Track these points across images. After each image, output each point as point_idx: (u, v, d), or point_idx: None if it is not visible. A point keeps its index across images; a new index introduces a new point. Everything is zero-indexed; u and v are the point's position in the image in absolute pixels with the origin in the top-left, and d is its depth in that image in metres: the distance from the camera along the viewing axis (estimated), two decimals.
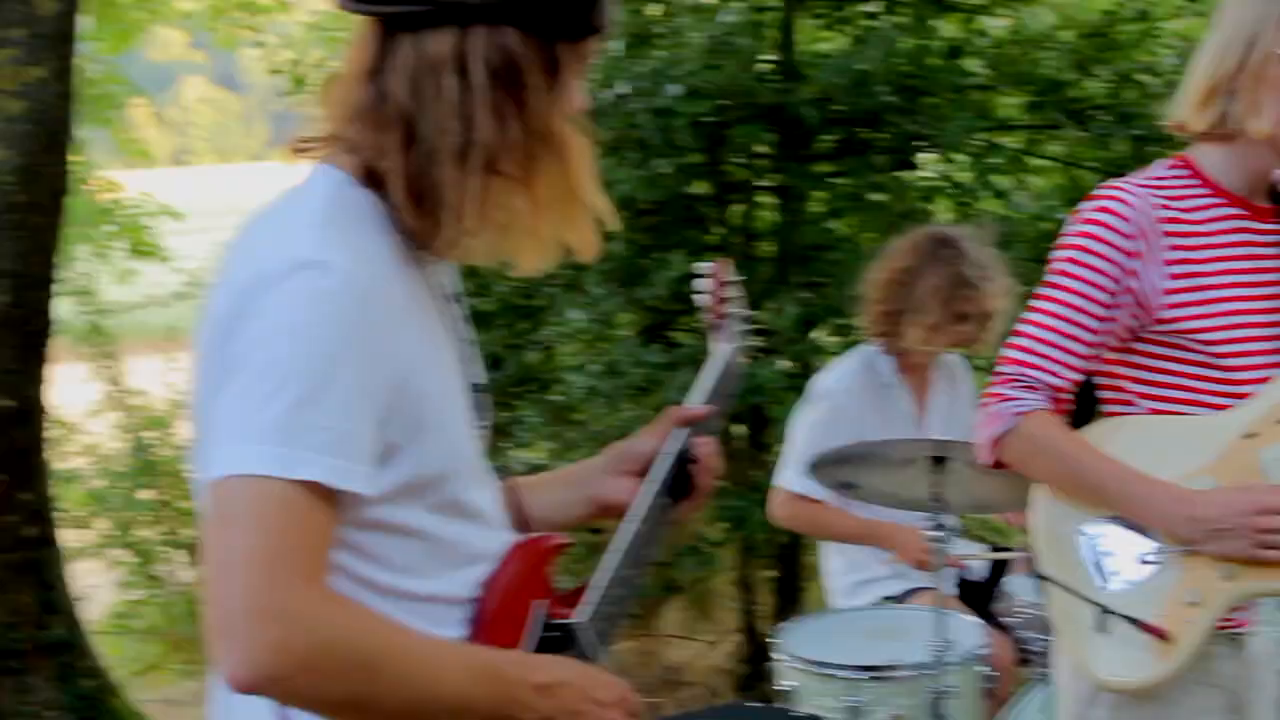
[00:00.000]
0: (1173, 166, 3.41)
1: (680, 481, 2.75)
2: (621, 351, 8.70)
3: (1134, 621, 3.23)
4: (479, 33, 2.24)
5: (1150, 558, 3.25)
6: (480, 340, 9.19)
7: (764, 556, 9.59)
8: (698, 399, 2.87)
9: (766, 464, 9.64)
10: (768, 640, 5.28)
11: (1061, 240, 3.38)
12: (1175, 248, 3.25)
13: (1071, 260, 3.31)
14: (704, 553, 8.84)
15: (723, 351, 3.03)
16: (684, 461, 2.76)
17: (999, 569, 5.67)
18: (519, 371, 9.45)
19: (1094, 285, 3.26)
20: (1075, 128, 9.36)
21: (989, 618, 5.42)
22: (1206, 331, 3.26)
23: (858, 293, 5.78)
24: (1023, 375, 3.26)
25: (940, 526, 4.84)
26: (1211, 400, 3.27)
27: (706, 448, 2.79)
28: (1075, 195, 10.01)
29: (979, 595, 5.62)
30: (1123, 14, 10.06)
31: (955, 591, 5.55)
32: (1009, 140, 10.24)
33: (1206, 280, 3.27)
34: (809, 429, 5.61)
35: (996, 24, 10.62)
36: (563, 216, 2.43)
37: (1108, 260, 3.25)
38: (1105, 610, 3.26)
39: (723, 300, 3.12)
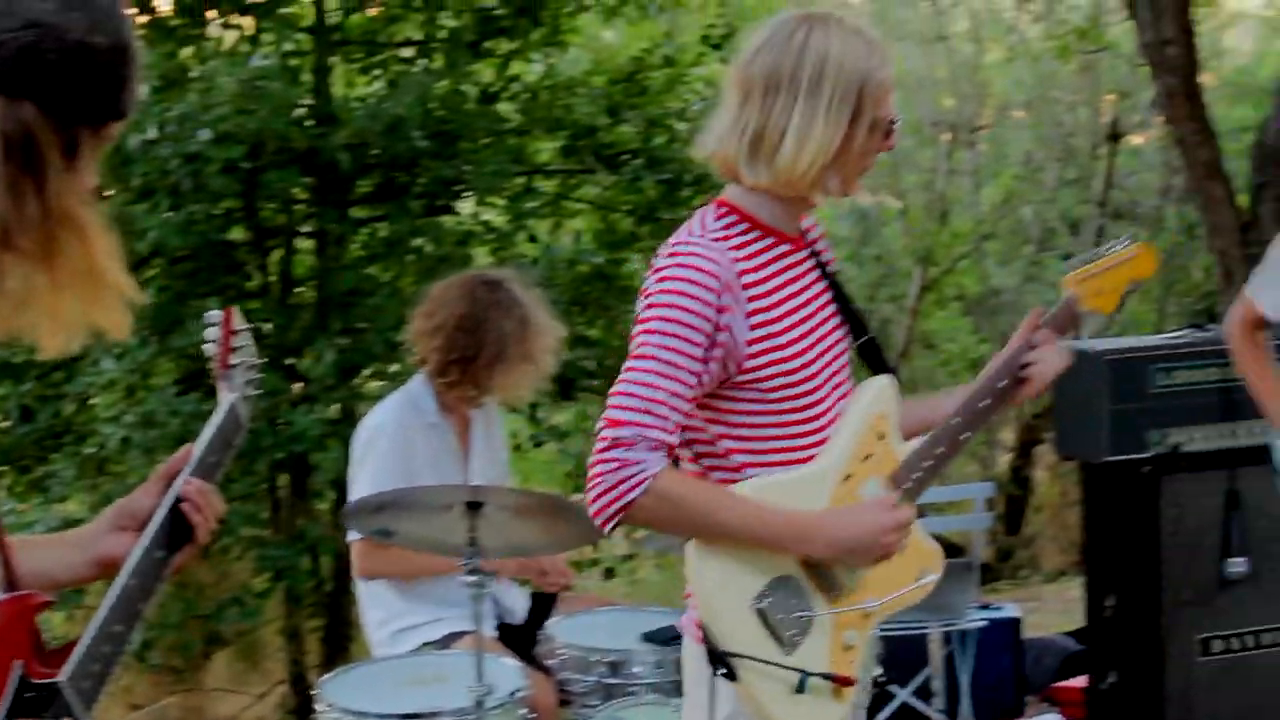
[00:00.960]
0: (721, 216, 3.45)
1: (178, 530, 2.74)
2: (158, 401, 8.51)
3: (828, 677, 3.35)
4: None
5: (806, 614, 3.37)
6: (11, 393, 8.83)
7: (310, 606, 9.51)
8: (196, 449, 2.86)
9: (311, 512, 9.55)
10: (312, 691, 5.22)
11: (650, 300, 3.35)
12: (752, 299, 3.32)
13: (666, 319, 3.29)
14: (248, 604, 8.72)
15: (226, 400, 3.00)
16: (177, 510, 2.75)
17: (540, 611, 5.73)
18: (52, 424, 9.17)
19: (691, 342, 3.28)
20: (608, 172, 9.57)
21: (530, 660, 5.47)
22: (784, 375, 3.34)
23: (404, 339, 5.76)
24: (642, 437, 3.26)
25: (477, 571, 4.87)
26: (798, 444, 3.38)
27: (194, 489, 2.77)
28: (610, 238, 10.28)
29: (520, 638, 5.67)
30: (651, 60, 10.36)
31: (495, 634, 5.59)
32: (545, 184, 10.42)
33: (777, 326, 3.35)
34: (368, 473, 5.56)
35: (531, 69, 10.82)
36: (86, 297, 2.35)
37: (701, 316, 3.28)
38: (805, 674, 3.36)
39: (231, 349, 3.08)
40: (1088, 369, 6.01)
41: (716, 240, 3.36)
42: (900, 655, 6.51)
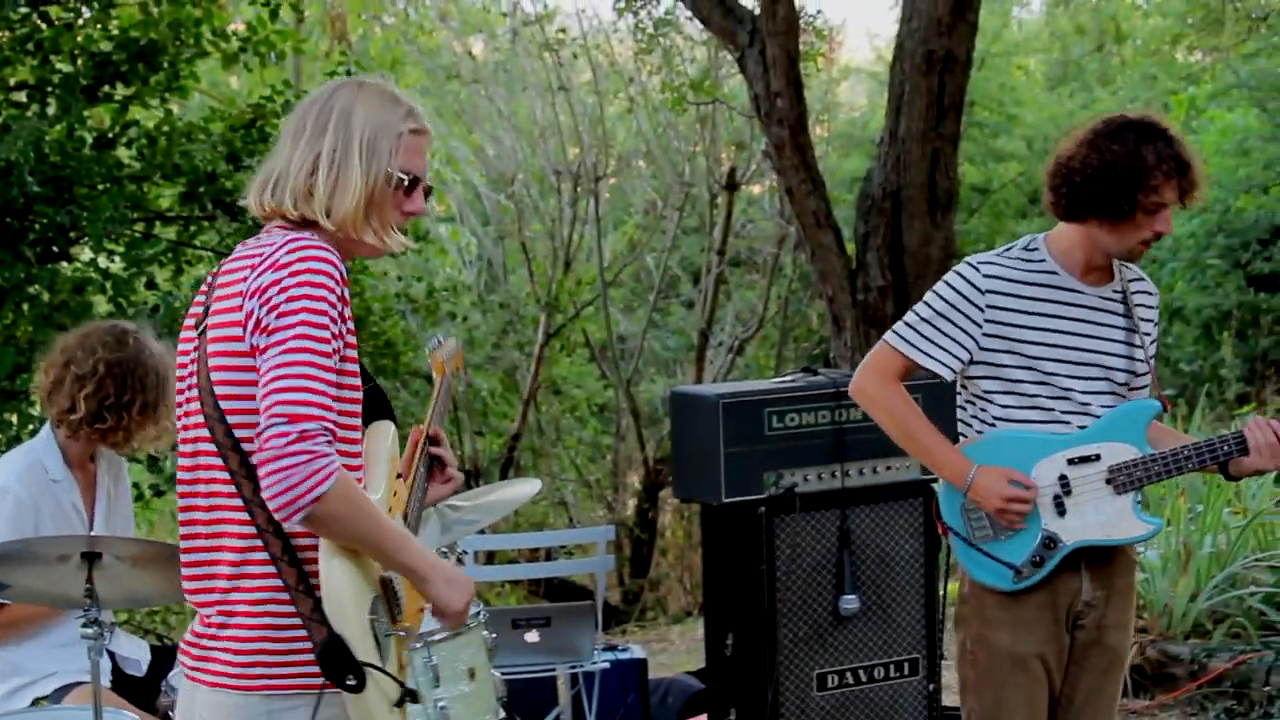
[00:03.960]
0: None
1: None
2: None
3: (412, 694, 3.51)
4: None
5: (391, 630, 3.50)
6: None
7: None
8: None
9: None
10: None
11: (290, 294, 3.39)
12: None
13: (313, 310, 3.35)
14: None
15: None
16: None
17: (161, 662, 5.64)
18: None
19: (330, 334, 3.36)
20: (228, 219, 9.48)
21: (152, 711, 5.38)
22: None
23: (22, 389, 5.61)
24: (327, 429, 3.29)
25: (96, 623, 4.78)
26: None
27: None
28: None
29: (139, 689, 5.57)
30: (273, 107, 10.29)
31: (110, 685, 5.48)
32: (165, 231, 10.26)
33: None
34: None
35: (149, 115, 10.64)
36: None
37: (335, 306, 3.37)
38: (406, 688, 3.48)
39: None
40: (703, 413, 6.16)
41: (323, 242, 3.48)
42: (529, 697, 6.59)
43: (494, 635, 5.55)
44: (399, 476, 3.75)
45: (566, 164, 17.82)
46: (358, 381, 3.53)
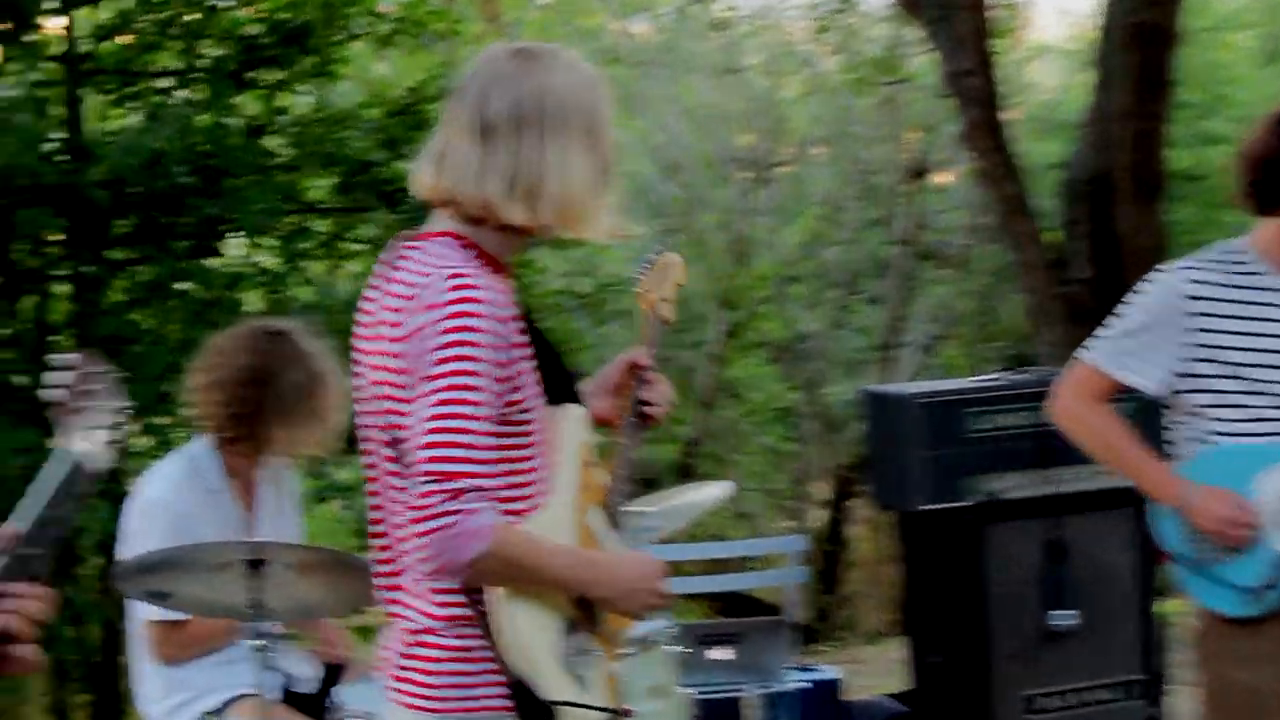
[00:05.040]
0: (462, 248, 3.56)
1: None
2: None
3: (624, 713, 3.56)
4: None
5: (590, 651, 3.53)
6: None
7: (78, 680, 9.38)
8: (27, 512, 2.70)
9: (76, 578, 9.40)
10: None
11: (445, 341, 3.40)
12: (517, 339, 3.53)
13: (468, 358, 3.36)
14: (10, 679, 8.54)
15: (68, 450, 2.86)
16: None
17: (330, 677, 5.71)
18: None
19: (487, 390, 3.37)
20: (386, 210, 9.57)
21: None
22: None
23: (172, 389, 5.69)
24: (478, 488, 3.32)
25: (262, 635, 4.85)
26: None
27: (20, 592, 2.59)
28: None
29: (307, 705, 5.64)
30: (429, 90, 10.38)
31: (280, 698, 5.56)
32: (319, 223, 10.39)
33: (526, 365, 3.56)
34: (143, 545, 5.47)
35: (300, 101, 10.79)
36: None
37: (495, 348, 3.38)
38: (615, 711, 3.53)
39: (82, 392, 2.95)
40: (899, 414, 6.13)
41: (483, 273, 3.47)
42: (712, 718, 6.59)
43: (682, 651, 5.56)
44: (591, 465, 3.71)
45: (739, 151, 17.79)
46: (535, 403, 3.53)
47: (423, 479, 3.32)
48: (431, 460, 3.33)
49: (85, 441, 2.80)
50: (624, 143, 18.57)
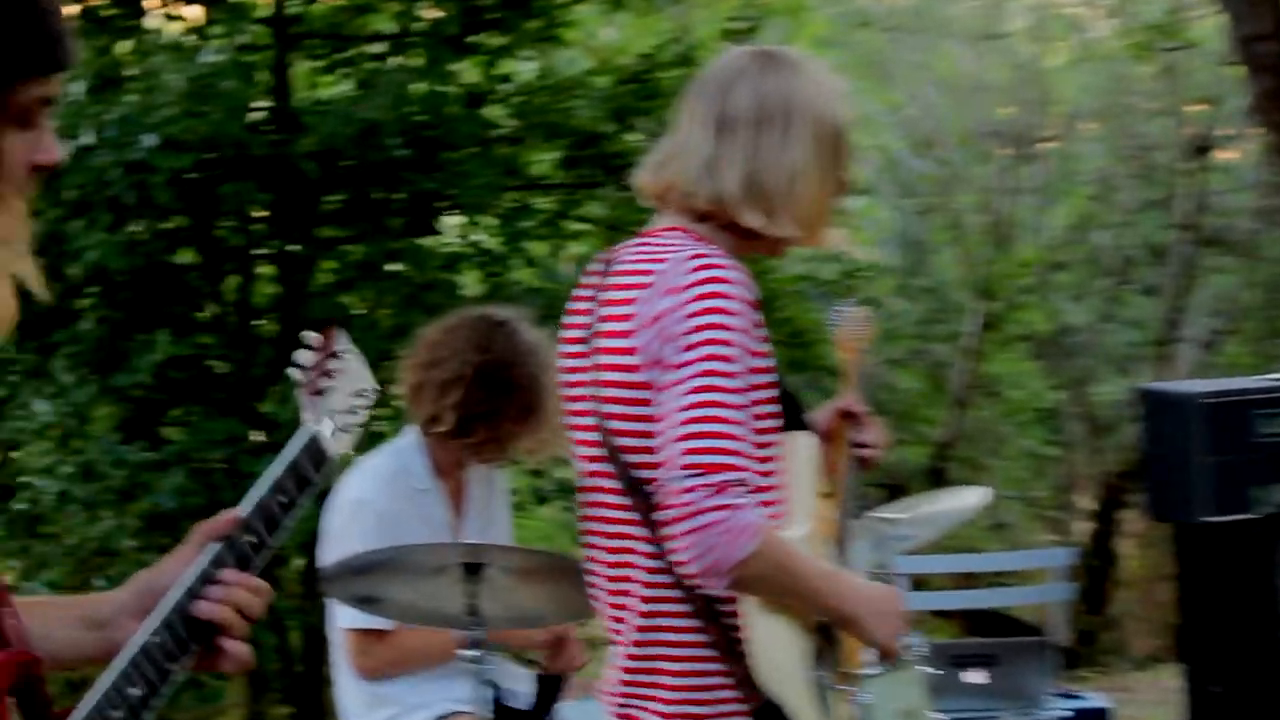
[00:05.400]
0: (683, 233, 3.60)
1: (195, 624, 2.51)
2: (99, 450, 8.53)
3: None
4: None
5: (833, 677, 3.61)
6: None
7: (278, 690, 9.52)
8: (252, 497, 2.72)
9: (277, 580, 9.55)
10: None
11: (693, 324, 3.40)
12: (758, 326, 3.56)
13: (718, 341, 3.39)
14: (207, 687, 8.70)
15: (306, 431, 2.88)
16: (195, 596, 2.51)
17: (548, 694, 5.74)
18: None
19: (740, 367, 3.40)
20: (615, 186, 9.58)
21: None
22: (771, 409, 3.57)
23: (393, 383, 5.72)
24: (743, 481, 3.33)
25: (477, 645, 4.89)
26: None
27: (232, 581, 2.53)
28: None
29: None
30: (663, 57, 10.36)
31: (492, 715, 5.59)
32: (542, 200, 10.44)
33: (767, 361, 3.59)
34: (346, 547, 5.54)
35: (523, 68, 10.85)
36: None
37: (745, 332, 3.42)
38: None
39: (325, 373, 2.98)
40: (1179, 415, 6.04)
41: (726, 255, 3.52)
42: None
43: (934, 672, 5.52)
44: (826, 495, 3.79)
45: (1000, 125, 17.62)
46: (774, 409, 3.55)
47: (681, 474, 3.32)
48: (690, 453, 3.33)
49: (323, 424, 2.81)
50: (874, 115, 18.53)
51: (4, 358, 9.14)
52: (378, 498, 5.53)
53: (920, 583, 9.87)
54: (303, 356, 2.90)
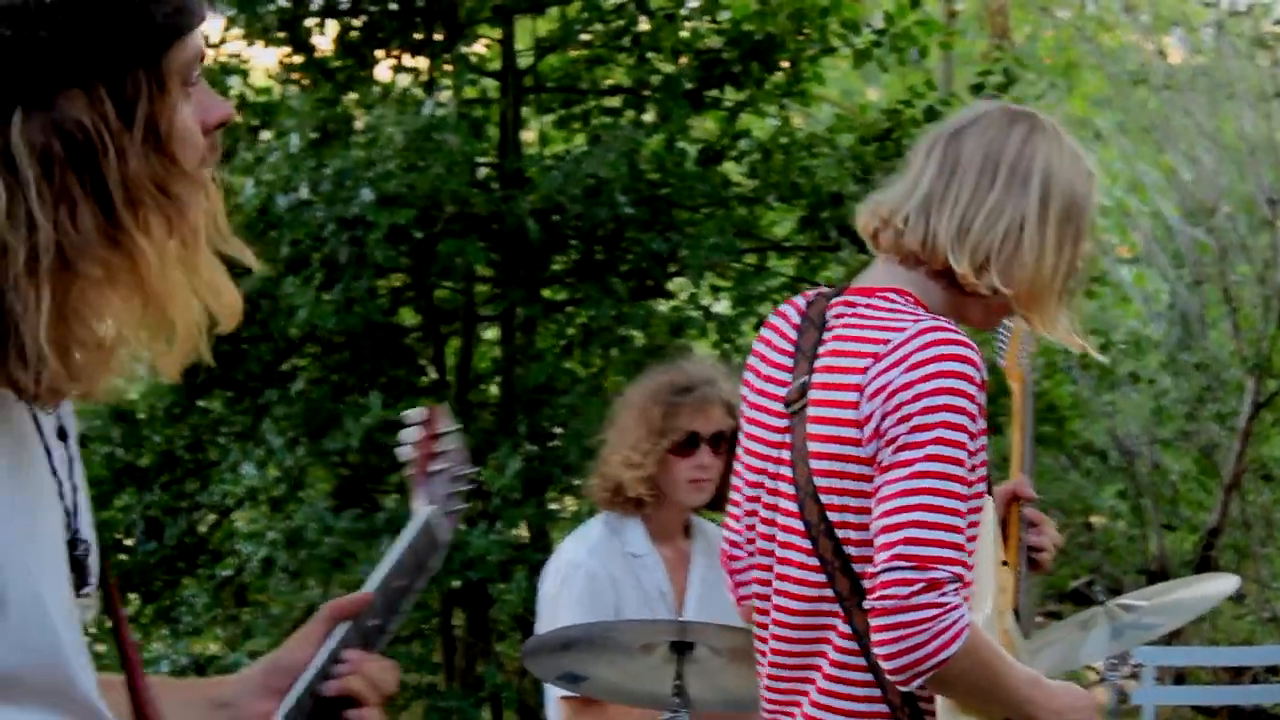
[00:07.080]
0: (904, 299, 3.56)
1: (324, 705, 2.52)
2: (308, 516, 8.62)
3: None
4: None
5: None
6: (134, 503, 8.99)
7: None
8: (375, 579, 2.74)
9: (491, 655, 9.59)
10: None
11: (926, 405, 3.37)
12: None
13: (949, 425, 3.35)
14: None
15: (422, 515, 2.91)
16: (326, 676, 2.53)
17: None
18: (183, 540, 9.34)
19: (967, 452, 3.38)
20: (855, 249, 9.53)
21: None
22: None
23: (597, 446, 5.74)
24: (958, 576, 3.31)
25: None
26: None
27: (357, 663, 2.54)
28: None
29: None
30: (908, 114, 10.30)
31: None
32: (779, 263, 10.41)
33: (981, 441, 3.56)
34: (565, 614, 5.55)
35: (763, 124, 10.84)
36: (189, 289, 2.31)
37: (974, 419, 3.40)
38: None
39: (432, 454, 3.01)
40: None
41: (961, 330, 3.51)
42: None
43: None
44: (1003, 563, 3.78)
45: None
46: (983, 488, 3.51)
47: (891, 565, 3.29)
48: (908, 542, 3.31)
49: (432, 505, 2.85)
50: (1148, 180, 18.29)
51: (216, 418, 9.30)
52: (589, 561, 5.54)
53: (1184, 676, 9.67)
54: (409, 434, 2.92)
